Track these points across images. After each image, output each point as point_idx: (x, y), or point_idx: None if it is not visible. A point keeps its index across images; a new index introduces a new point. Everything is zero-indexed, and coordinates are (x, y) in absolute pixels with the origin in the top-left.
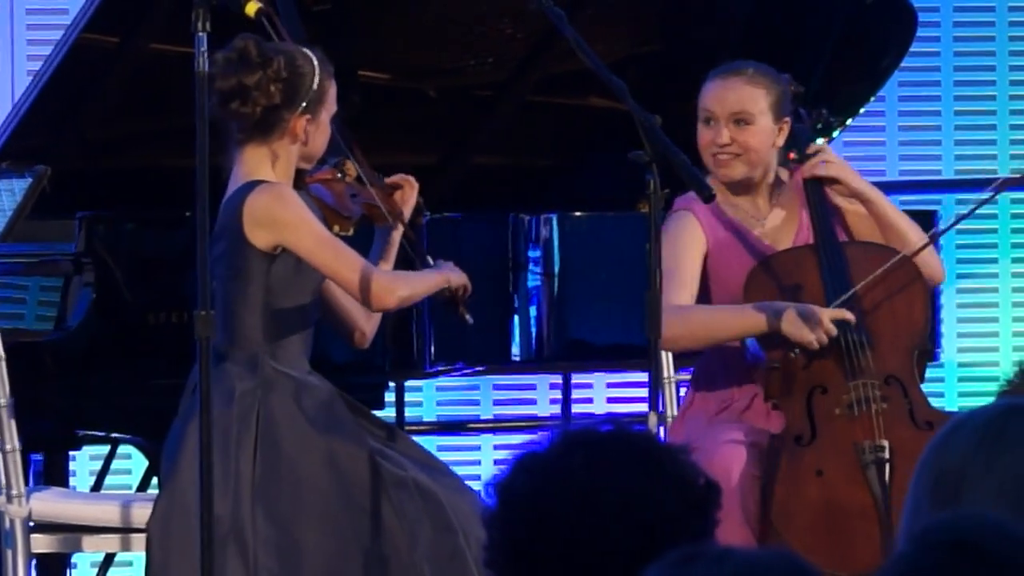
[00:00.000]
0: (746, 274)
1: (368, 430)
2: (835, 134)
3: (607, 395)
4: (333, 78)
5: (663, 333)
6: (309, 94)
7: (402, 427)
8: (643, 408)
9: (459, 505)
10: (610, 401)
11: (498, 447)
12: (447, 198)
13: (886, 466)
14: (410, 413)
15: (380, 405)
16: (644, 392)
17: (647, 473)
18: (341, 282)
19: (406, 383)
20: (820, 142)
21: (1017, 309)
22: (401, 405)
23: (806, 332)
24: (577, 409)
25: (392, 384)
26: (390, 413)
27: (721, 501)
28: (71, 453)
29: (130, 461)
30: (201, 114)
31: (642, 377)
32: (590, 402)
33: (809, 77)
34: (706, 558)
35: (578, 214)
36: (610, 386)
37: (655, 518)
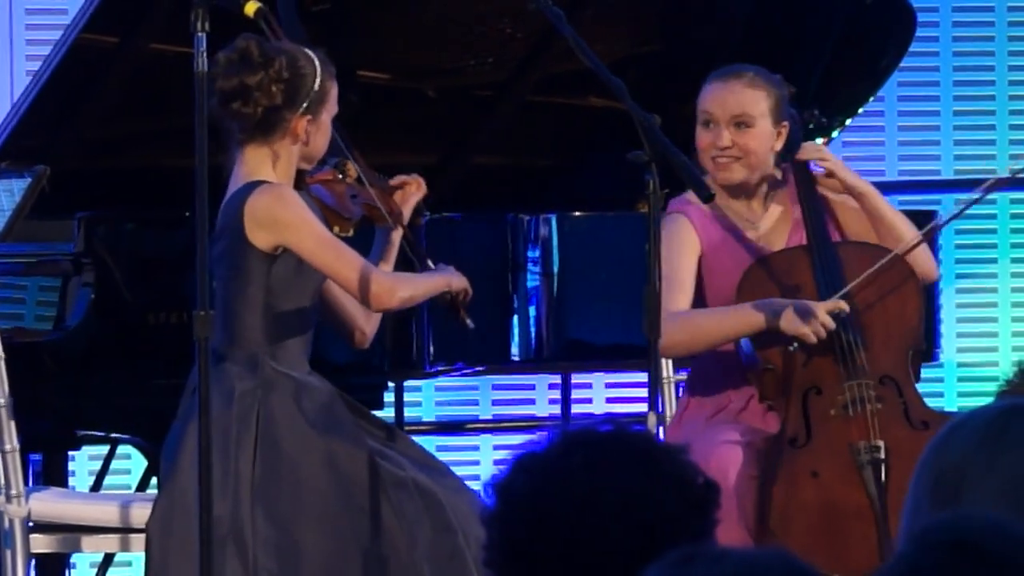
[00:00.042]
0: (739, 276)
1: (368, 430)
2: (834, 134)
3: (606, 395)
4: (335, 79)
5: (661, 341)
6: (310, 95)
7: (401, 427)
8: (642, 408)
9: (459, 505)
10: (609, 401)
11: (497, 447)
12: (447, 198)
13: (882, 466)
14: (409, 413)
15: (379, 405)
16: (643, 392)
17: (646, 473)
18: (342, 282)
19: (405, 383)
20: (819, 142)
21: (1016, 309)
22: (400, 405)
23: (803, 326)
24: (576, 409)
25: (391, 384)
26: (389, 413)
27: (720, 501)
28: (70, 453)
29: (129, 461)
30: (200, 114)
31: (641, 377)
32: (589, 402)
33: (809, 77)
34: (705, 558)
35: (577, 214)
36: (609, 386)
37: (654, 518)
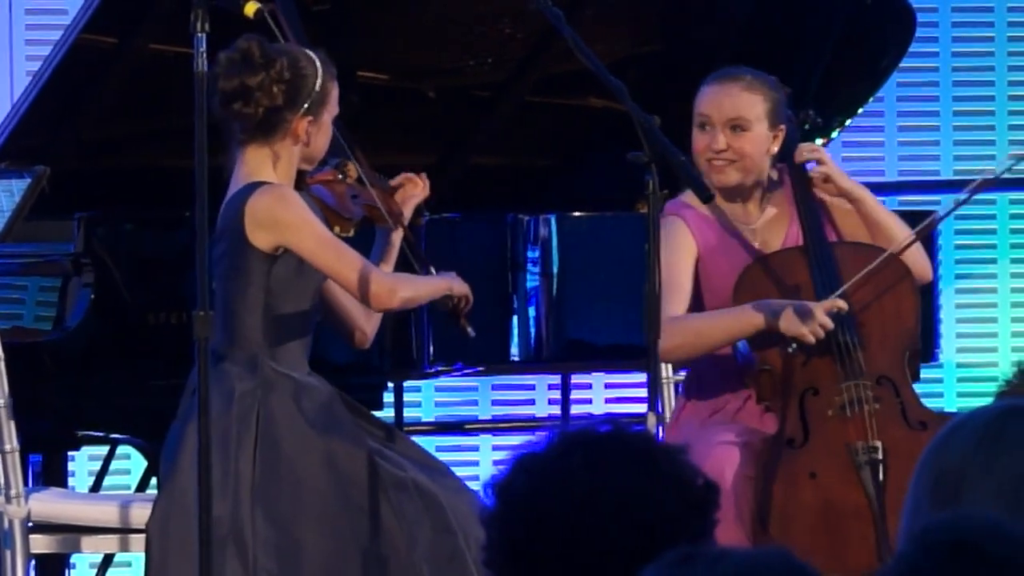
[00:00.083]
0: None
1: (367, 431)
2: (834, 134)
3: (606, 395)
4: (335, 79)
5: (661, 346)
6: (311, 95)
7: (401, 427)
8: (642, 408)
9: (458, 506)
10: (609, 401)
11: (497, 447)
12: (446, 198)
13: (880, 467)
14: (409, 413)
15: (379, 405)
16: (643, 392)
17: (646, 473)
18: (343, 283)
19: (405, 383)
20: (819, 142)
21: (1016, 309)
22: (400, 405)
23: (802, 327)
24: (576, 409)
25: (391, 384)
26: (389, 413)
27: (720, 501)
28: (70, 453)
29: (129, 461)
30: (200, 114)
31: (641, 377)
32: (589, 402)
33: (809, 77)
34: (704, 558)
35: (577, 214)
36: (609, 386)
37: (654, 518)
